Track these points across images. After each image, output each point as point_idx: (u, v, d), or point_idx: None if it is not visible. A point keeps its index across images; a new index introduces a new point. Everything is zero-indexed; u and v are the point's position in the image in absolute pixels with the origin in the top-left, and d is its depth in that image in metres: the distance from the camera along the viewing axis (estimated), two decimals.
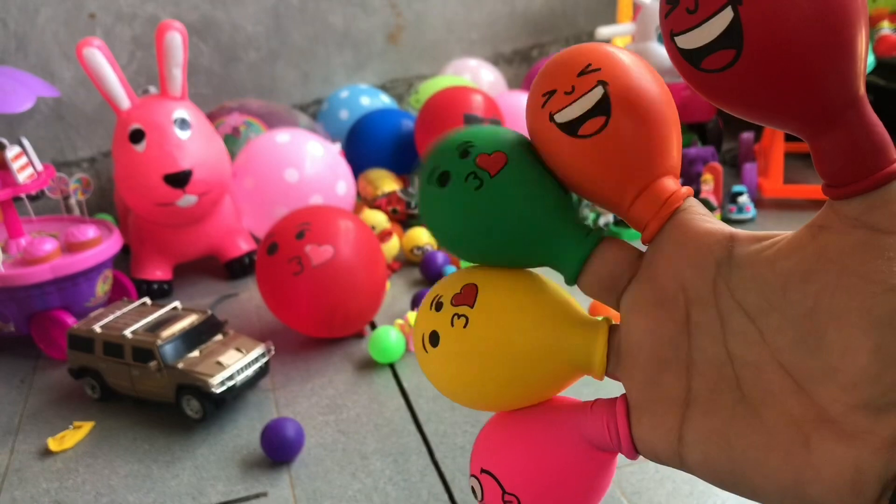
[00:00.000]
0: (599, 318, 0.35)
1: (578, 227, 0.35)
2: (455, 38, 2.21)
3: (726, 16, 0.27)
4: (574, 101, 0.33)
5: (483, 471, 0.37)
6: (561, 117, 0.33)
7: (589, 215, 1.55)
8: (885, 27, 1.40)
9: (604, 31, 1.74)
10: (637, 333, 0.34)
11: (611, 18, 2.11)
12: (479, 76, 2.05)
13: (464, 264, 1.41)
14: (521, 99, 1.85)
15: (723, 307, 0.32)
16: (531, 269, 0.37)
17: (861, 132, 0.28)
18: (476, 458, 0.38)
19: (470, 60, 2.11)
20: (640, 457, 0.35)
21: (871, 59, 1.49)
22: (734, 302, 0.31)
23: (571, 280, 0.35)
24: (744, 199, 1.57)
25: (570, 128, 0.33)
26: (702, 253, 0.32)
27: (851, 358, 0.28)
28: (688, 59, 0.29)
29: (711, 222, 0.33)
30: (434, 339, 0.36)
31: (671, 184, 0.34)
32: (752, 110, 0.29)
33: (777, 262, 0.30)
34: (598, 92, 0.33)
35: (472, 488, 0.38)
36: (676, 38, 0.29)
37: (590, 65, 0.34)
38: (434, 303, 0.37)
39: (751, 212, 1.57)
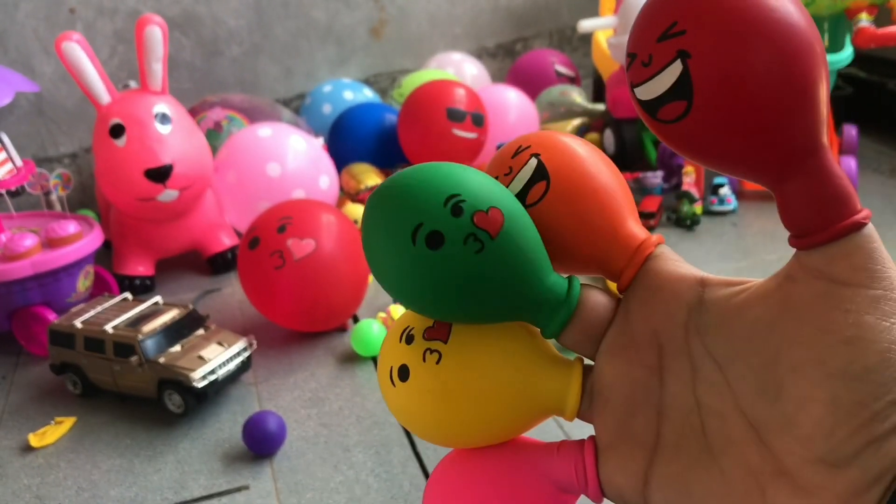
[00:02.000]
0: (572, 359, 0.35)
1: (558, 282, 0.34)
2: (438, 33, 2.21)
3: (675, 69, 0.28)
4: (514, 178, 0.35)
5: None
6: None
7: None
8: (864, 19, 1.40)
9: (586, 24, 1.74)
10: (610, 377, 0.34)
11: (594, 12, 2.12)
12: (462, 70, 2.05)
13: None
14: (504, 92, 1.85)
15: (694, 353, 0.32)
16: None
17: (822, 182, 0.28)
18: (431, 496, 0.37)
19: (453, 54, 2.11)
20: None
21: (850, 51, 1.50)
22: (704, 348, 0.31)
23: (556, 335, 0.34)
24: (725, 191, 1.58)
25: (520, 199, 0.34)
26: (674, 298, 0.32)
27: (807, 410, 0.28)
28: (646, 110, 0.30)
29: (683, 267, 0.33)
30: (403, 373, 0.35)
31: (637, 231, 0.34)
32: (709, 159, 0.30)
33: (744, 310, 0.30)
34: (532, 163, 0.35)
35: None
36: (635, 90, 0.30)
37: (520, 146, 0.36)
38: (404, 335, 0.35)
39: (732, 203, 1.58)
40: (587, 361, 0.36)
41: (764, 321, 0.29)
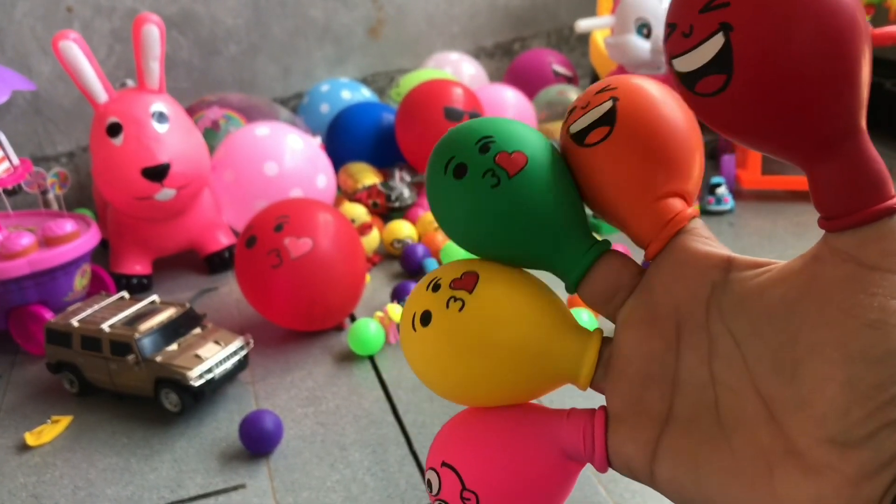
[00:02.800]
0: (593, 329, 0.36)
1: (584, 238, 0.35)
2: (436, 32, 2.21)
3: (717, 41, 0.27)
4: (586, 113, 0.35)
5: (444, 464, 0.37)
6: (573, 128, 0.35)
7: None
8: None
9: (583, 23, 1.74)
10: (628, 347, 0.34)
11: (591, 11, 2.12)
12: (460, 70, 2.05)
13: (446, 258, 1.42)
14: (502, 92, 1.85)
15: (713, 330, 0.32)
16: (532, 272, 0.37)
17: (858, 166, 0.28)
18: (437, 451, 0.37)
19: (451, 54, 2.12)
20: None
21: None
22: (724, 325, 0.31)
23: (572, 288, 0.36)
24: (722, 191, 1.58)
25: (579, 137, 0.34)
26: (698, 275, 0.32)
27: (822, 390, 0.27)
28: (684, 82, 0.29)
29: (712, 246, 0.33)
30: (426, 318, 0.35)
31: (677, 204, 0.34)
32: (746, 136, 0.29)
33: (767, 289, 0.30)
34: (606, 105, 0.34)
35: (429, 481, 0.37)
36: (674, 61, 0.29)
37: (608, 85, 0.35)
38: (431, 284, 0.36)
39: (729, 203, 1.58)
40: (607, 333, 0.36)
41: (786, 301, 0.29)
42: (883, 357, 0.26)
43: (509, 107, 1.81)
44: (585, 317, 1.16)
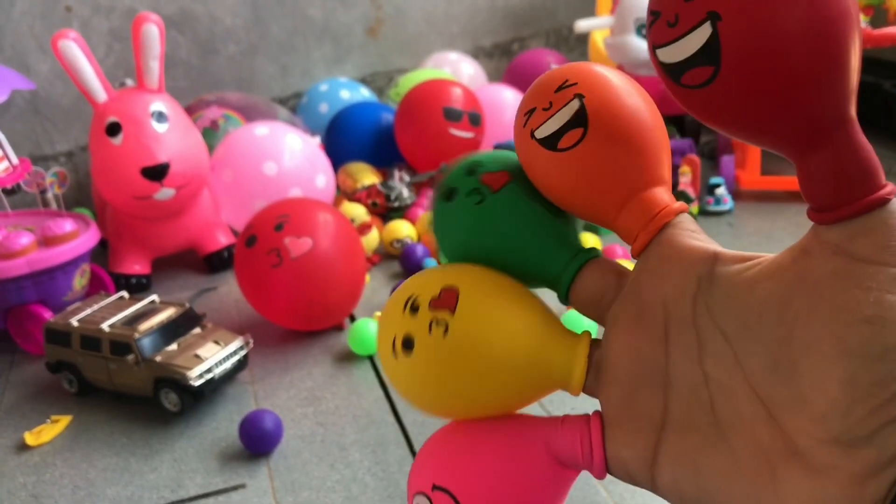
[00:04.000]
0: (580, 332, 0.35)
1: (570, 247, 0.36)
2: (435, 32, 2.21)
3: (704, 31, 0.27)
4: (552, 115, 0.33)
5: (436, 487, 0.35)
6: (540, 133, 0.34)
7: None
8: (861, 20, 1.41)
9: (583, 23, 1.74)
10: (617, 348, 0.33)
11: (590, 11, 2.12)
12: (459, 69, 2.05)
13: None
14: (501, 92, 1.85)
15: (701, 326, 0.31)
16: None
17: (849, 156, 0.27)
18: (424, 473, 0.36)
19: (450, 54, 2.11)
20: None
21: None
22: (712, 322, 0.31)
23: (564, 297, 0.36)
24: (721, 191, 1.58)
25: (550, 142, 0.33)
26: (684, 269, 0.32)
27: (822, 389, 0.27)
28: (668, 74, 0.28)
29: (698, 239, 0.33)
30: (408, 344, 0.34)
31: (663, 196, 0.33)
32: (734, 128, 0.29)
33: (756, 284, 0.30)
34: (574, 104, 0.33)
35: None
36: (658, 51, 0.28)
37: (567, 80, 0.34)
38: (409, 304, 0.35)
39: (728, 203, 1.59)
40: (595, 336, 0.36)
41: (777, 296, 0.29)
42: (882, 353, 0.26)
43: (508, 107, 1.81)
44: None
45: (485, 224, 0.36)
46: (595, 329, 0.96)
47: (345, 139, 1.79)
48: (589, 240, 1.23)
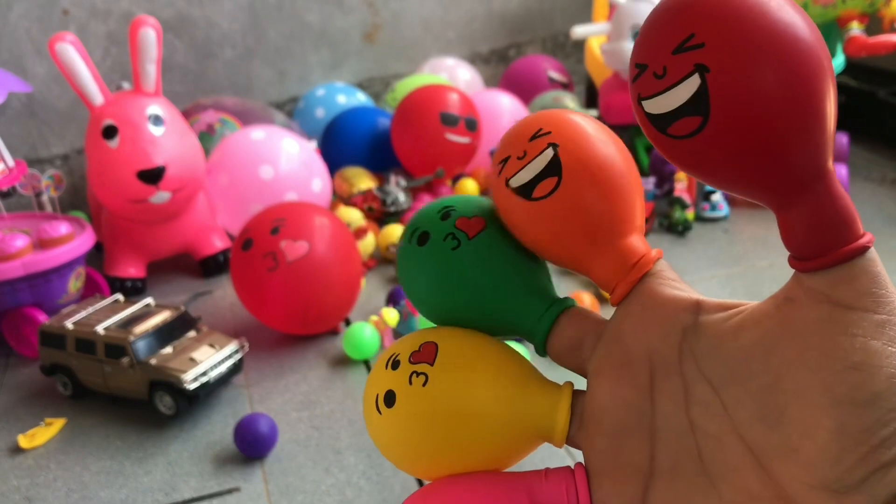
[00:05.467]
0: (562, 383, 0.35)
1: (545, 297, 0.35)
2: (432, 38, 2.21)
3: (693, 83, 0.27)
4: (525, 164, 0.33)
5: None
6: (515, 182, 0.34)
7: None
8: (855, 28, 1.42)
9: (579, 30, 1.75)
10: (601, 397, 0.33)
11: (587, 18, 2.12)
12: (455, 75, 2.05)
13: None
14: (498, 97, 1.85)
15: (687, 375, 0.31)
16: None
17: (828, 206, 0.28)
18: None
19: (447, 59, 2.12)
20: None
21: (841, 60, 1.51)
22: (698, 370, 0.31)
23: (541, 349, 0.36)
24: (717, 198, 1.59)
25: (525, 191, 0.33)
26: (668, 319, 0.32)
27: (812, 437, 0.27)
28: (654, 124, 0.29)
29: (679, 289, 0.33)
30: (390, 399, 0.34)
31: (640, 245, 0.34)
32: (718, 178, 0.29)
33: (741, 332, 0.30)
34: (548, 154, 0.33)
35: None
36: (643, 103, 0.29)
37: (541, 129, 0.34)
38: (390, 362, 0.35)
39: (724, 210, 1.59)
40: (578, 387, 0.35)
41: (762, 344, 0.29)
42: (870, 400, 0.26)
43: (504, 112, 1.81)
44: None
45: (462, 269, 0.35)
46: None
47: (341, 144, 1.79)
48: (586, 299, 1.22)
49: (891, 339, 0.27)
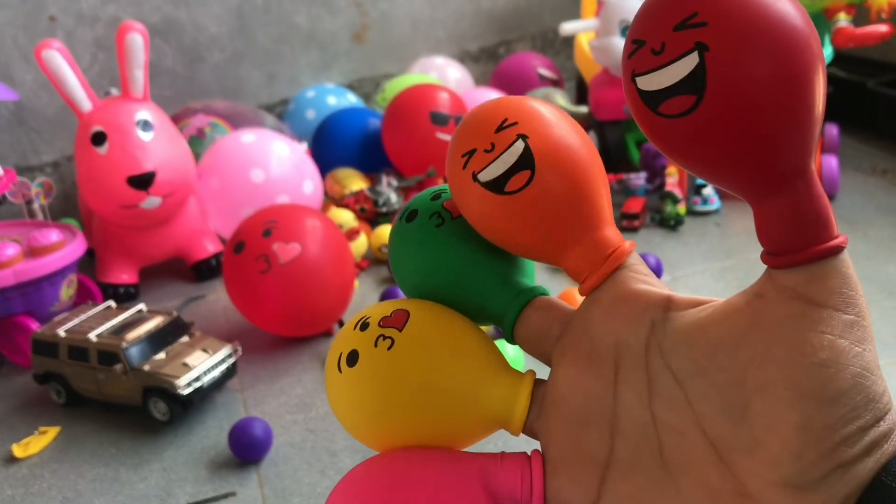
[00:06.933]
0: (524, 371, 0.35)
1: (516, 284, 0.36)
2: (421, 37, 2.21)
3: (691, 60, 0.27)
4: (495, 158, 0.33)
5: None
6: (484, 176, 0.33)
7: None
8: (843, 19, 1.42)
9: (568, 26, 1.75)
10: (564, 385, 0.33)
11: (575, 14, 2.12)
12: (445, 74, 2.05)
13: None
14: (488, 96, 1.85)
15: (652, 368, 0.31)
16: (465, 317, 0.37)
17: (806, 203, 0.28)
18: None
19: (436, 59, 2.12)
20: None
21: (829, 51, 1.51)
22: (664, 363, 0.31)
23: (509, 335, 0.36)
24: (708, 191, 1.59)
25: (496, 185, 0.33)
26: (638, 313, 0.32)
27: (775, 431, 0.27)
28: (646, 102, 0.28)
29: (650, 283, 0.33)
30: (352, 358, 0.34)
31: (614, 237, 0.33)
32: (703, 164, 0.29)
33: (710, 326, 0.30)
34: (518, 146, 0.32)
35: None
36: (637, 79, 0.28)
37: (506, 119, 0.33)
38: (360, 323, 0.35)
39: (715, 203, 1.59)
40: (540, 375, 0.35)
41: (730, 338, 0.29)
42: (835, 397, 0.26)
43: None
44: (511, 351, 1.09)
45: (442, 245, 0.36)
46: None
47: (332, 145, 1.79)
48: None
49: (858, 339, 0.27)
